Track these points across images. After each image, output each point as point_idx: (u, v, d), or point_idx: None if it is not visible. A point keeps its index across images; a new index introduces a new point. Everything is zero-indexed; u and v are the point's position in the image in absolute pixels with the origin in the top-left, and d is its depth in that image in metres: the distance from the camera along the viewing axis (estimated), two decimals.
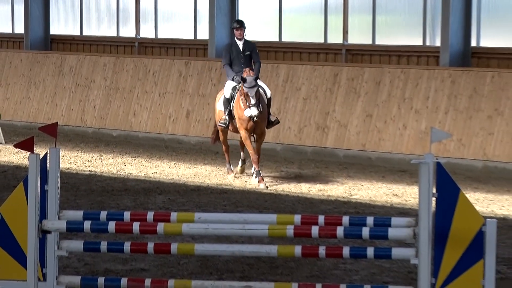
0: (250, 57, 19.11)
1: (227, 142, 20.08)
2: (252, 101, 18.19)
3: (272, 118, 19.39)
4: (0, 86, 27.73)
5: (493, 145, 20.64)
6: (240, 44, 19.05)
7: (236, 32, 19.06)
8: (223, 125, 19.29)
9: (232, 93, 19.14)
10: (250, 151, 19.04)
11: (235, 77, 18.85)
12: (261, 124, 18.91)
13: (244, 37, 19.15)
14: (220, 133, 19.94)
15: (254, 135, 19.37)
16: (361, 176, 20.41)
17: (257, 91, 18.39)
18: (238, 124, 19.05)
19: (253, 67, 19.26)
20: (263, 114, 18.77)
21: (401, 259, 10.58)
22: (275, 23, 25.35)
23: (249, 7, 25.78)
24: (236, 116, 19.04)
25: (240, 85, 18.69)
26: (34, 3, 29.01)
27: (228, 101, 19.23)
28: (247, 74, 18.49)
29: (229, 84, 19.24)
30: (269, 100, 19.53)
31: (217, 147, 22.68)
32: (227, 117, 19.15)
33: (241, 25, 19.11)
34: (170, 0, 27.27)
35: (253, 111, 18.21)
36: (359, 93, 22.50)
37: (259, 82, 18.89)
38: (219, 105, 19.81)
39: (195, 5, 26.39)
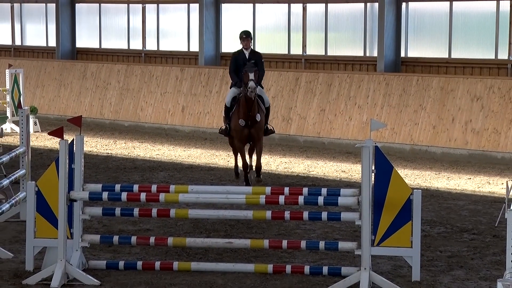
0: (256, 64, 15.93)
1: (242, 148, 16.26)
2: (251, 76, 15.25)
3: (269, 127, 16.48)
4: (37, 87, 27.58)
5: (418, 133, 20.66)
6: (246, 53, 16.29)
7: (243, 43, 16.36)
8: (223, 134, 16.48)
9: (232, 103, 16.10)
10: (243, 162, 16.12)
11: (238, 82, 16.00)
12: (257, 133, 15.85)
13: (251, 47, 16.52)
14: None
15: (251, 143, 16.33)
16: (317, 157, 20.38)
17: (256, 73, 15.43)
18: (233, 134, 16.01)
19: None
20: (260, 123, 15.84)
21: (348, 221, 10.56)
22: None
23: (229, 26, 25.69)
24: (232, 125, 15.95)
25: (240, 95, 15.84)
26: (63, 23, 28.82)
27: (228, 110, 16.24)
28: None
29: (231, 93, 16.27)
30: (267, 109, 16.42)
31: (205, 134, 22.69)
32: (227, 125, 16.17)
33: (248, 35, 16.44)
34: (168, 20, 27.15)
35: (251, 84, 15.21)
36: (315, 93, 22.47)
37: (259, 91, 15.94)
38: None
39: (188, 24, 26.26)
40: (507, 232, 5.83)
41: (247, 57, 16.15)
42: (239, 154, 16.24)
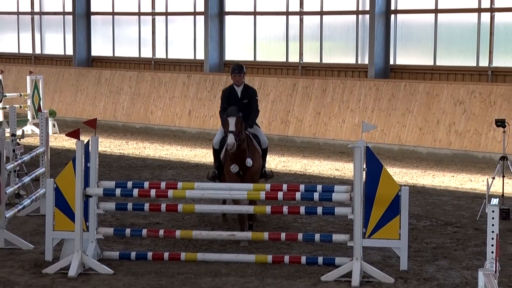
0: (249, 104, 12.74)
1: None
2: (230, 127, 11.67)
3: (267, 171, 13.10)
4: (55, 92, 27.59)
5: (405, 134, 20.67)
6: (238, 90, 12.78)
7: (234, 78, 12.84)
8: (212, 180, 12.73)
9: (221, 145, 12.60)
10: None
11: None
12: (251, 179, 12.14)
13: (243, 82, 13.01)
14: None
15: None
16: (313, 156, 20.39)
17: (240, 120, 11.83)
18: (226, 178, 12.30)
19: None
20: (252, 168, 12.17)
21: (341, 215, 10.58)
22: (251, 47, 25.26)
23: (232, 36, 25.70)
24: (224, 171, 12.42)
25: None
26: (80, 33, 28.84)
27: (217, 152, 12.85)
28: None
29: (220, 134, 12.72)
30: (264, 150, 12.94)
31: (210, 135, 22.68)
32: (216, 170, 12.72)
33: (240, 70, 12.82)
34: (176, 30, 27.15)
35: (230, 140, 11.59)
36: (311, 97, 22.47)
37: (255, 130, 12.84)
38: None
39: (194, 34, 26.27)
40: (488, 226, 5.84)
41: (239, 95, 12.78)
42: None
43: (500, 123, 13.92)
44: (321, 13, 23.77)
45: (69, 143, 21.02)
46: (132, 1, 27.94)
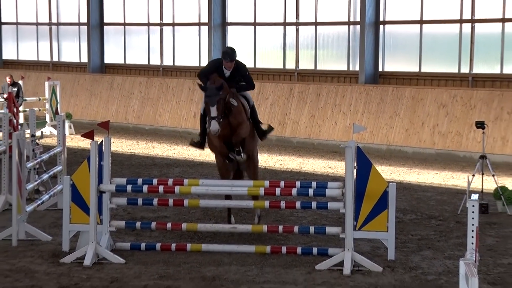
0: (235, 80, 11.30)
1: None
2: (212, 113, 10.46)
3: (264, 127, 11.99)
4: (71, 96, 27.60)
5: (393, 135, 20.69)
6: (227, 72, 11.24)
7: (226, 64, 11.19)
8: (196, 147, 11.84)
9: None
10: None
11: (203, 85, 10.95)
12: (243, 140, 11.22)
13: (233, 67, 11.28)
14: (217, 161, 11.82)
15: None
16: (308, 155, 20.40)
17: (221, 102, 10.56)
18: (210, 147, 11.55)
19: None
20: (243, 127, 11.24)
21: (334, 209, 10.59)
22: (251, 55, 25.27)
23: (234, 44, 25.68)
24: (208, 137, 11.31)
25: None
26: (94, 42, 28.86)
27: (204, 119, 11.36)
28: (211, 82, 10.84)
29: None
30: (252, 108, 11.85)
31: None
32: (200, 138, 11.66)
33: (231, 57, 11.18)
34: (182, 40, 27.17)
35: (213, 126, 10.54)
36: (306, 101, 22.49)
37: (249, 96, 11.82)
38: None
39: (199, 43, 26.29)
40: (468, 219, 5.86)
41: (226, 75, 11.26)
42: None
43: (480, 125, 13.95)
44: (316, 23, 23.79)
45: (84, 143, 21.03)
46: (142, 13, 27.96)
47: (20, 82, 24.46)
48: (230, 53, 11.07)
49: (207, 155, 20.00)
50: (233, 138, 11.21)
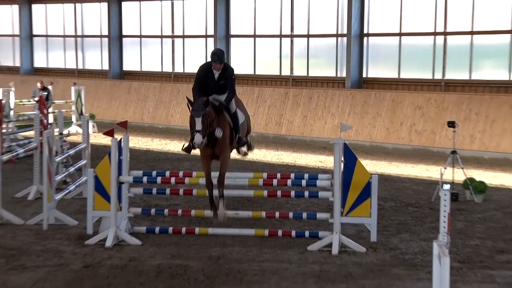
0: (225, 85, 10.46)
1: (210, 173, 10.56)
2: (197, 126, 9.79)
3: (243, 149, 11.40)
4: (94, 99, 27.59)
5: (375, 133, 20.70)
6: (216, 73, 10.41)
7: (215, 66, 10.35)
8: (186, 151, 10.76)
9: None
10: (206, 178, 10.42)
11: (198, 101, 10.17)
12: (220, 146, 10.38)
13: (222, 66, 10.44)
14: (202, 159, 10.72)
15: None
16: (301, 151, 20.41)
17: (206, 117, 9.86)
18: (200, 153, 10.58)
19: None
20: (221, 140, 10.32)
21: (324, 198, 10.60)
22: (251, 63, 25.27)
23: (236, 54, 25.71)
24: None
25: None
26: (114, 51, 28.85)
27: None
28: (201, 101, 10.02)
29: None
30: (239, 123, 10.75)
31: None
32: (190, 144, 10.48)
33: (220, 59, 10.31)
34: (191, 50, 27.16)
35: (197, 139, 9.85)
36: (299, 104, 22.49)
37: (234, 107, 10.66)
38: None
39: (205, 53, 26.27)
40: (440, 206, 5.88)
41: (216, 77, 10.42)
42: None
43: (451, 124, 13.96)
44: (308, 36, 23.80)
45: (105, 140, 21.05)
46: (156, 26, 27.95)
47: (50, 87, 24.46)
48: (219, 54, 10.26)
49: None
50: (216, 157, 10.58)
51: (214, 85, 10.28)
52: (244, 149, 11.49)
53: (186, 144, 10.67)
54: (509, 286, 8.62)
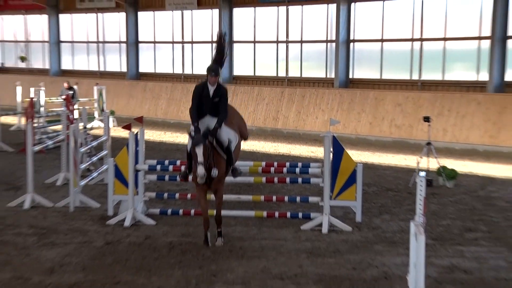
0: (219, 103, 9.34)
1: (206, 204, 9.26)
2: (199, 159, 8.66)
3: (235, 168, 9.47)
4: (114, 97, 27.55)
5: (360, 127, 20.69)
6: (211, 90, 9.33)
7: (210, 79, 9.36)
8: (182, 177, 9.46)
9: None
10: (204, 215, 9.16)
11: (192, 131, 9.01)
12: (215, 186, 9.15)
13: (217, 82, 9.52)
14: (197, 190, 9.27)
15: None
16: (295, 142, 20.41)
17: (206, 149, 8.76)
18: (193, 177, 9.08)
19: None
20: (216, 178, 9.04)
21: (315, 184, 10.61)
22: (252, 65, 25.26)
23: (239, 57, 25.69)
24: (192, 175, 9.10)
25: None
26: (131, 56, 28.84)
27: (190, 156, 9.17)
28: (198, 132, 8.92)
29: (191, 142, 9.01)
30: (228, 151, 9.28)
31: None
32: (187, 171, 9.30)
33: (216, 72, 9.48)
34: (199, 53, 27.13)
35: (200, 171, 8.62)
36: (294, 101, 22.48)
37: (218, 133, 9.20)
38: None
39: (211, 56, 26.21)
40: (417, 190, 5.89)
41: (211, 94, 9.34)
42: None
43: (426, 119, 13.97)
44: (301, 41, 23.78)
45: (124, 133, 21.03)
46: (168, 33, 27.93)
47: (75, 86, 24.44)
48: (214, 69, 9.47)
49: None
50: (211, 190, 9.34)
51: (209, 102, 9.26)
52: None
53: (183, 171, 9.43)
54: (476, 260, 8.64)
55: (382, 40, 21.80)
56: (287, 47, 24.23)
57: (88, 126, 14.72)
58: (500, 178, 14.57)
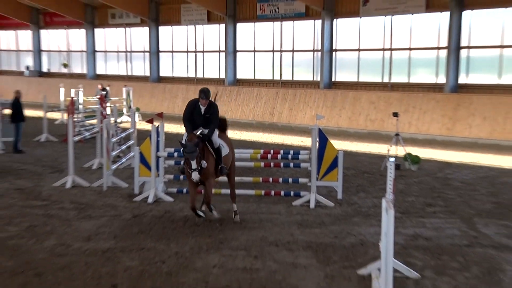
0: (210, 118, 8.77)
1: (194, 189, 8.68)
2: (193, 166, 8.30)
3: (222, 167, 8.79)
4: (139, 97, 27.45)
5: (341, 121, 20.65)
6: (202, 108, 8.73)
7: (201, 101, 8.69)
8: (181, 172, 8.91)
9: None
10: (192, 203, 8.53)
11: (183, 141, 8.67)
12: (205, 178, 8.57)
13: (207, 104, 8.77)
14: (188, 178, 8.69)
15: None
16: (288, 134, 20.35)
17: (198, 156, 8.35)
18: (187, 174, 8.57)
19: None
20: (206, 169, 8.53)
21: (304, 167, 10.60)
22: (252, 70, 25.18)
23: (242, 64, 25.59)
24: (186, 169, 8.56)
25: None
26: (153, 62, 28.73)
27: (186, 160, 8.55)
28: (190, 139, 8.50)
29: (185, 137, 8.73)
30: (217, 151, 8.79)
31: (231, 122, 22.53)
32: (184, 166, 8.71)
33: (207, 96, 8.71)
34: (209, 61, 27.05)
35: (194, 176, 8.27)
36: (287, 100, 22.42)
37: (218, 139, 8.89)
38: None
39: (219, 63, 26.20)
40: (387, 173, 5.86)
41: (202, 111, 8.74)
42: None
43: (395, 114, 13.93)
44: (293, 51, 23.69)
45: (147, 126, 20.98)
46: (183, 44, 27.82)
47: (107, 88, 24.34)
48: (205, 92, 8.74)
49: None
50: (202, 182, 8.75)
51: (201, 117, 8.71)
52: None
53: (181, 168, 8.91)
54: (435, 229, 8.64)
55: (359, 50, 21.73)
56: (281, 55, 24.14)
57: (118, 120, 14.68)
58: (455, 162, 14.56)
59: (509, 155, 15.80)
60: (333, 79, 22.43)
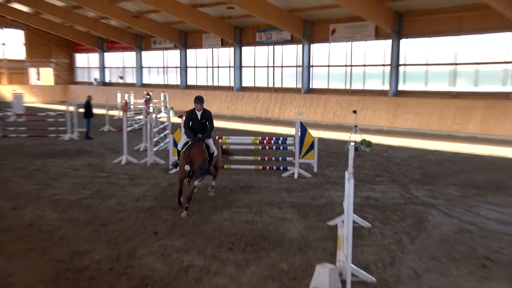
0: (206, 123, 7.75)
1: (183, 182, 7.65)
2: (186, 168, 7.32)
3: (212, 170, 7.74)
4: (174, 100, 27.25)
5: (316, 116, 20.53)
6: (199, 114, 7.70)
7: (197, 106, 7.66)
8: (174, 167, 8.08)
9: (183, 148, 7.62)
10: (179, 188, 7.60)
11: (189, 135, 7.72)
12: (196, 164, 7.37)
13: (203, 108, 7.76)
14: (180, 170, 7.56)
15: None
16: (278, 125, 20.16)
17: (200, 146, 7.51)
18: (179, 170, 7.53)
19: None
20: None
21: (290, 149, 10.52)
22: (253, 80, 25.01)
23: (246, 75, 25.38)
24: (179, 165, 7.51)
25: (190, 141, 7.68)
26: (183, 75, 28.50)
27: (179, 152, 7.71)
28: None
29: (183, 140, 7.79)
30: (211, 155, 7.76)
31: (239, 117, 22.41)
32: (177, 161, 7.84)
33: (201, 102, 7.67)
34: (222, 74, 26.84)
35: (186, 168, 7.24)
36: (278, 101, 22.22)
37: (209, 142, 7.82)
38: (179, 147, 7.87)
39: (229, 75, 26.01)
40: (349, 154, 5.82)
41: (199, 117, 7.74)
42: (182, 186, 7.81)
43: (354, 112, 13.84)
44: (282, 66, 23.48)
45: (178, 120, 20.83)
46: (204, 61, 27.60)
47: (151, 93, 24.04)
48: (200, 98, 7.74)
49: (234, 126, 19.74)
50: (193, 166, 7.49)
51: (198, 123, 7.76)
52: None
53: (174, 162, 8.09)
54: (382, 193, 8.62)
55: (328, 66, 21.55)
56: (273, 70, 23.92)
57: (158, 116, 14.55)
58: (396, 146, 14.48)
59: (432, 140, 15.77)
60: (310, 87, 22.28)
